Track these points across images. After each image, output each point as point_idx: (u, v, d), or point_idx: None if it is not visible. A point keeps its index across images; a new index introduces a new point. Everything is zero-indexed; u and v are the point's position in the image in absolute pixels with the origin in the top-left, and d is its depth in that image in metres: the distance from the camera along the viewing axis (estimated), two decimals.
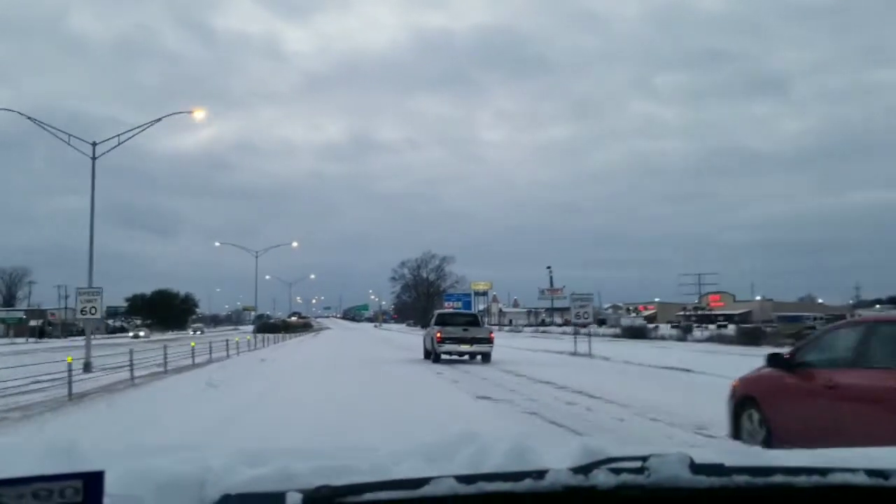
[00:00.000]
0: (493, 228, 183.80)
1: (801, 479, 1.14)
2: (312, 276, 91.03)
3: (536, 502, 1.10)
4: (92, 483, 0.95)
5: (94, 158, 22.73)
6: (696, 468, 1.13)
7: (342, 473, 1.21)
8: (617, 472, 1.12)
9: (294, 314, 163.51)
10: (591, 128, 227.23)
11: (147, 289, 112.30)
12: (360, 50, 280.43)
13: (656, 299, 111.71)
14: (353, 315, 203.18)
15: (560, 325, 77.01)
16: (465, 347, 20.43)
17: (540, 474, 1.11)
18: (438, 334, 20.46)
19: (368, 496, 1.08)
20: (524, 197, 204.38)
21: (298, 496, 1.08)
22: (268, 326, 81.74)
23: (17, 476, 0.94)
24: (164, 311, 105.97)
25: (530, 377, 16.03)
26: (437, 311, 25.18)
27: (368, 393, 12.70)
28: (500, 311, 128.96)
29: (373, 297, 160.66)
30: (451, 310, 30.73)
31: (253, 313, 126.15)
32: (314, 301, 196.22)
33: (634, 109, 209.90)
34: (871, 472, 1.16)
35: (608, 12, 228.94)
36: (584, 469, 1.13)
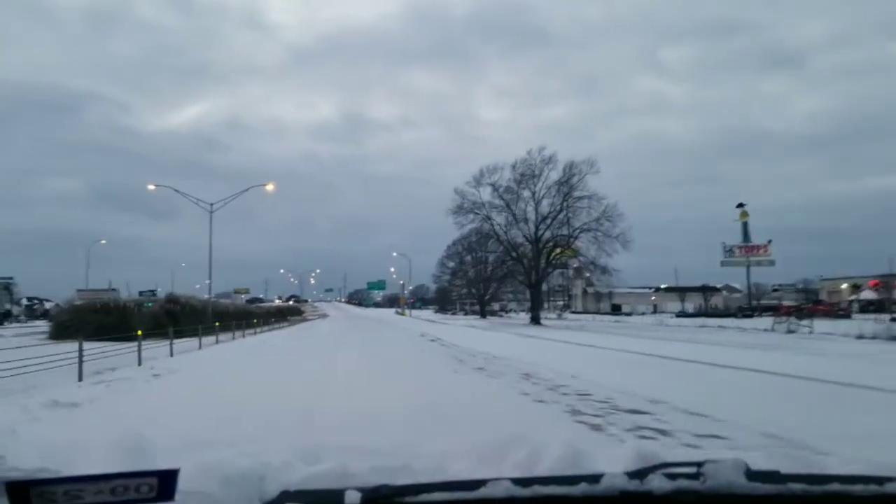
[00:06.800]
0: None
1: (858, 488, 1.12)
2: (270, 187, 39.99)
3: None
4: (166, 480, 1.00)
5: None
6: (752, 475, 1.13)
7: (399, 473, 1.24)
8: (672, 477, 1.12)
9: (292, 297, 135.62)
10: (595, 106, 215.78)
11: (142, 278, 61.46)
12: (348, 20, 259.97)
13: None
14: (360, 299, 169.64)
15: (747, 315, 37.90)
16: None
17: (595, 478, 1.11)
18: None
19: (426, 497, 1.09)
20: None
21: (357, 495, 1.10)
22: (79, 314, 27.55)
23: (97, 473, 1.00)
24: None
25: None
26: None
27: None
28: (585, 291, 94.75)
29: (393, 273, 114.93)
30: None
31: (244, 296, 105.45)
32: (312, 280, 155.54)
33: (640, 86, 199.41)
34: None
35: None
36: (640, 474, 1.13)
